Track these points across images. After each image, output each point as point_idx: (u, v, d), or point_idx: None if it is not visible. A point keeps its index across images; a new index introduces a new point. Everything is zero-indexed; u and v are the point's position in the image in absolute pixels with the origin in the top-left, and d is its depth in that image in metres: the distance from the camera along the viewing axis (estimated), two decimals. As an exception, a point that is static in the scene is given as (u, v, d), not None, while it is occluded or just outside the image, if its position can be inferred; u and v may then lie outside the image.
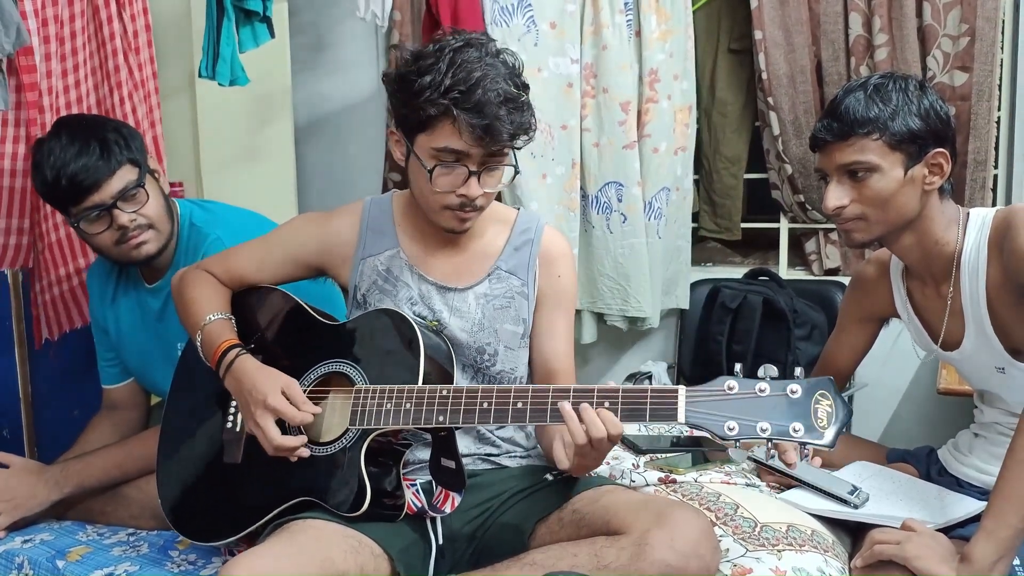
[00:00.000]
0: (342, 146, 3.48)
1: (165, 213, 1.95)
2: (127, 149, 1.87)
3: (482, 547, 1.62)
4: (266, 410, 1.54)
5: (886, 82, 1.65)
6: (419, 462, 1.66)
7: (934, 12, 2.70)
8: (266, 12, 2.44)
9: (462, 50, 1.52)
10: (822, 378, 1.32)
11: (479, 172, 1.56)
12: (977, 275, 1.66)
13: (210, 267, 1.78)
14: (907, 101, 1.62)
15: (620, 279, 3.02)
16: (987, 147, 2.71)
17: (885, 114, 1.61)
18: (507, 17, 2.84)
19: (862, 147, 1.62)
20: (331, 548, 1.45)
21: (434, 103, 1.50)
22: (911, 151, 1.62)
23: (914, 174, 1.63)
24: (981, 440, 1.83)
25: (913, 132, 1.61)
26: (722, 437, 1.32)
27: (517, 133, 1.55)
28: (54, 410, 2.64)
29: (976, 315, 1.68)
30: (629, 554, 1.39)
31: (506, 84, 1.52)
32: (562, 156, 2.93)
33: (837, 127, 1.63)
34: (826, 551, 1.58)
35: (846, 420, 1.29)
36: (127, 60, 2.30)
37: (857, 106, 1.62)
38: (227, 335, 1.66)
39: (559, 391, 1.43)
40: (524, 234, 1.73)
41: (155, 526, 1.90)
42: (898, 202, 1.64)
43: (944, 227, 1.69)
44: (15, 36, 1.94)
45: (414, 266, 1.70)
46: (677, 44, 2.94)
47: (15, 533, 1.89)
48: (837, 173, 1.66)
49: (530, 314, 1.71)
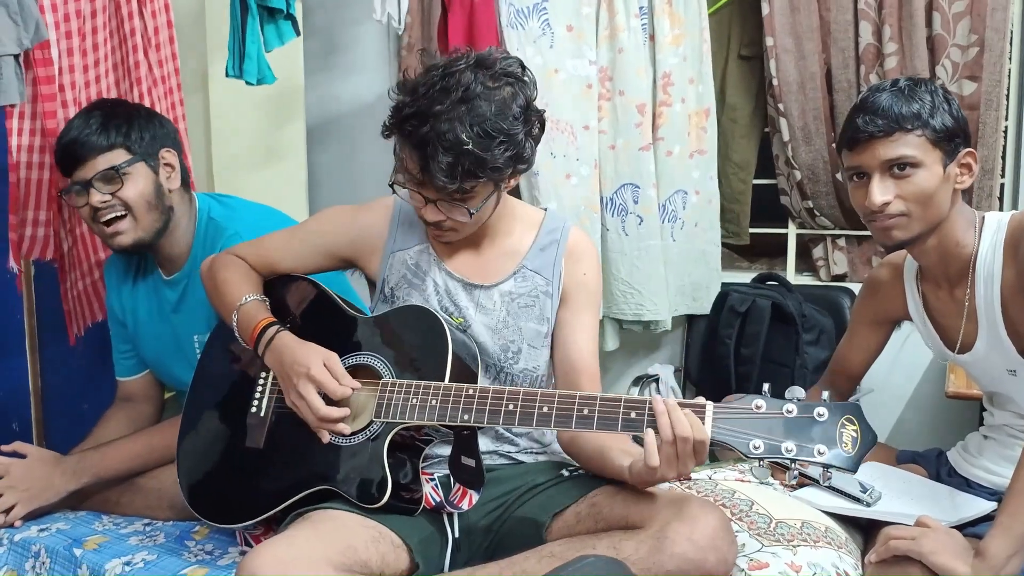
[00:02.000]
0: (353, 147, 3.50)
1: (150, 205, 1.93)
2: (127, 136, 1.90)
3: (498, 540, 1.63)
4: (309, 380, 1.55)
5: (915, 84, 1.67)
6: (438, 456, 1.67)
7: (944, 22, 2.73)
8: (290, 9, 2.45)
9: (448, 78, 1.50)
10: (849, 403, 1.34)
11: (435, 200, 1.56)
12: (992, 278, 1.68)
13: (241, 253, 1.79)
14: (941, 101, 1.64)
15: (635, 283, 3.02)
16: (994, 156, 2.74)
17: (926, 111, 1.63)
18: (522, 20, 2.86)
19: (907, 142, 1.62)
20: (353, 537, 1.46)
21: (395, 128, 1.54)
22: (948, 149, 1.64)
23: (949, 172, 1.65)
24: (991, 442, 1.84)
25: (949, 130, 1.63)
26: (747, 455, 1.33)
27: (461, 183, 1.49)
28: (64, 405, 2.65)
29: (990, 318, 1.69)
30: (648, 547, 1.41)
31: (466, 128, 1.47)
32: (586, 157, 2.94)
33: (882, 123, 1.63)
34: (840, 547, 1.60)
35: (871, 446, 1.30)
36: (147, 56, 2.31)
37: (898, 103, 1.63)
38: (264, 314, 1.68)
39: (586, 398, 1.44)
40: (551, 234, 1.74)
41: (171, 516, 1.91)
42: (937, 199, 1.65)
43: (963, 230, 1.71)
44: (34, 31, 1.96)
45: (441, 261, 1.71)
46: (692, 48, 2.96)
47: (31, 522, 1.90)
48: (880, 169, 1.65)
49: (553, 313, 1.72)
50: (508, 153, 1.52)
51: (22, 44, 1.96)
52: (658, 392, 3.07)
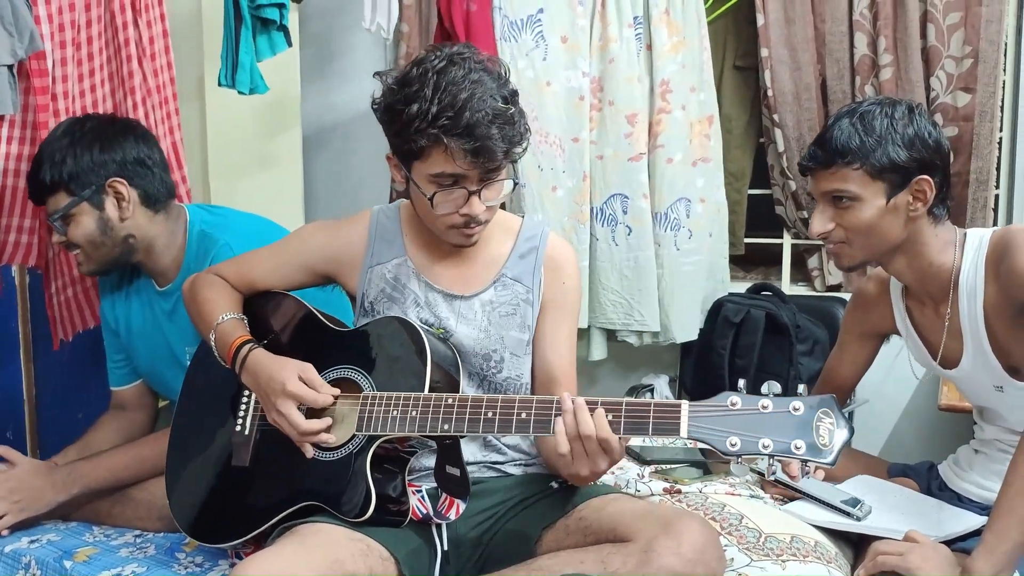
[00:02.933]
0: (350, 155, 3.50)
1: (96, 243, 1.94)
2: (66, 177, 1.90)
3: (488, 554, 1.63)
4: (286, 396, 1.55)
5: (874, 109, 1.66)
6: (424, 469, 1.67)
7: (938, 34, 2.74)
8: (283, 21, 2.45)
9: (445, 71, 1.51)
10: (825, 396, 1.33)
11: (478, 190, 1.57)
12: (975, 295, 1.68)
13: (222, 271, 1.80)
14: (892, 130, 1.63)
15: (625, 292, 3.02)
16: (989, 167, 2.75)
17: (868, 144, 1.63)
18: (516, 32, 2.87)
19: (844, 176, 1.65)
20: (340, 551, 1.46)
21: (424, 133, 1.50)
22: (894, 180, 1.64)
23: (897, 202, 1.65)
24: (981, 456, 1.84)
25: (895, 162, 1.63)
26: (724, 452, 1.33)
27: (511, 148, 1.56)
28: (58, 413, 2.65)
29: (974, 334, 1.69)
30: (636, 561, 1.41)
31: (493, 100, 1.52)
32: (573, 169, 2.95)
33: (821, 155, 1.67)
34: (829, 562, 1.60)
35: (848, 438, 1.30)
36: (141, 66, 2.31)
37: (841, 135, 1.64)
38: (240, 332, 1.68)
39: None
40: (529, 241, 1.75)
41: (161, 528, 1.91)
42: (880, 229, 1.67)
43: (939, 250, 1.71)
44: (28, 42, 1.96)
45: (420, 274, 1.71)
46: (691, 56, 2.95)
47: (21, 533, 1.89)
48: (822, 199, 1.70)
49: (535, 321, 1.72)
50: (523, 117, 1.58)
51: (16, 55, 1.96)
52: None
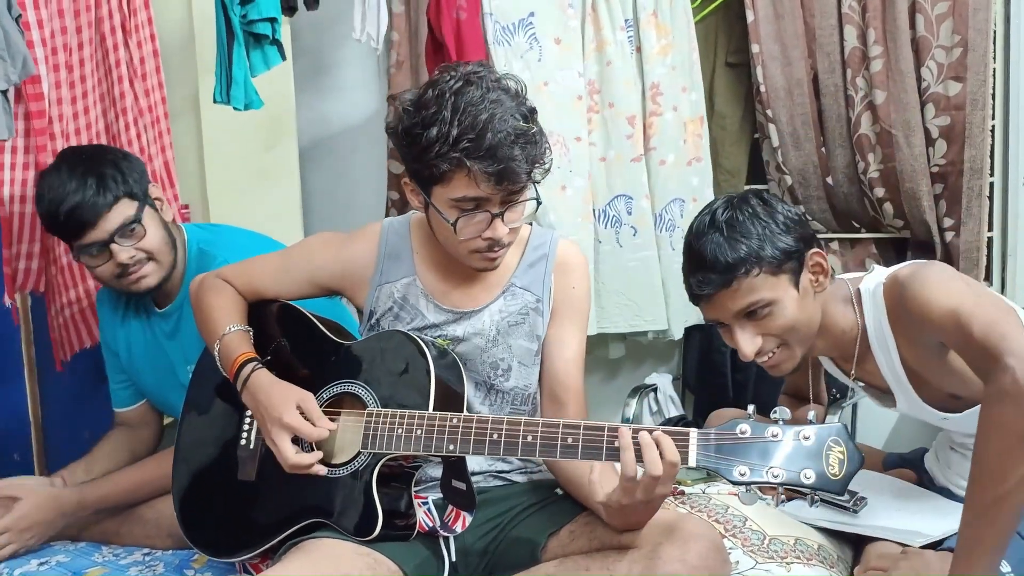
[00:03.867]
0: (346, 166, 3.51)
1: (166, 243, 1.96)
2: (123, 183, 1.88)
3: (495, 562, 1.64)
4: (282, 428, 1.55)
5: (733, 214, 1.59)
6: (431, 479, 1.67)
7: (927, 24, 2.73)
8: (275, 35, 2.45)
9: (462, 91, 1.48)
10: (835, 425, 1.33)
11: (501, 212, 1.53)
12: (888, 352, 1.64)
13: (229, 276, 1.78)
14: (763, 223, 1.58)
15: (630, 294, 2.99)
16: (982, 155, 2.74)
17: (754, 245, 1.56)
18: (508, 36, 2.87)
19: (750, 287, 1.56)
20: (348, 567, 1.47)
21: (445, 157, 1.46)
22: (792, 267, 1.59)
23: (803, 285, 1.61)
24: (957, 456, 1.82)
25: (786, 251, 1.58)
26: (733, 482, 1.33)
27: (534, 168, 1.53)
28: (64, 433, 2.65)
29: (900, 386, 1.67)
30: (640, 567, 1.42)
31: (514, 119, 1.49)
32: (580, 168, 2.94)
33: (716, 277, 1.56)
34: (832, 567, 1.61)
35: (858, 468, 1.30)
36: (133, 86, 2.32)
37: (724, 251, 1.56)
38: (244, 347, 1.66)
39: (569, 426, 1.43)
40: (538, 250, 1.73)
41: (170, 545, 1.92)
42: (804, 318, 1.61)
43: (842, 314, 1.67)
44: (21, 67, 1.97)
45: (430, 295, 1.69)
46: (680, 57, 2.95)
47: (31, 555, 1.91)
48: (736, 319, 1.60)
49: (544, 330, 1.70)
50: (543, 136, 1.55)
51: (9, 80, 1.96)
52: (656, 402, 3.08)
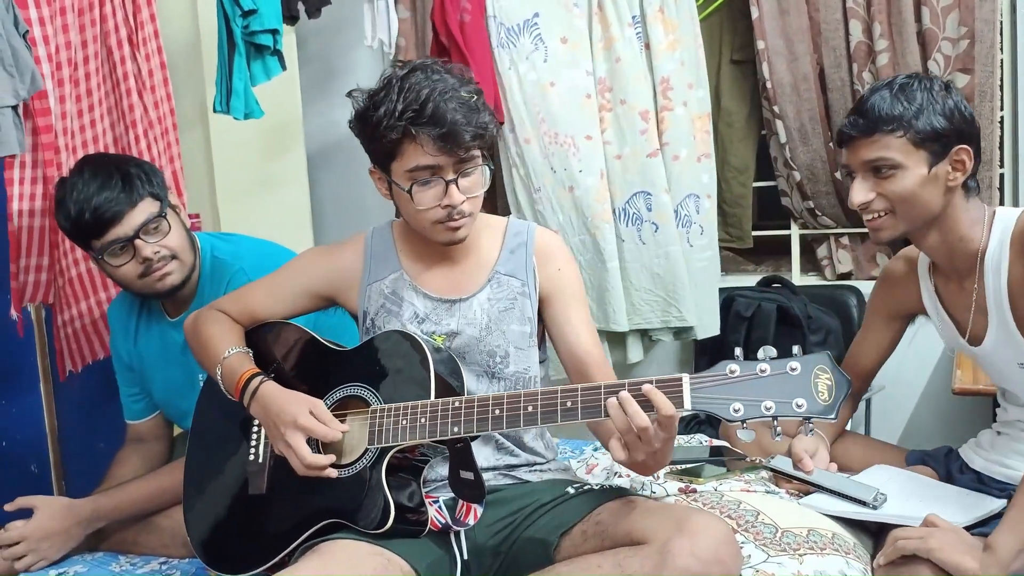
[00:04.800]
0: (354, 172, 3.50)
1: (187, 244, 1.99)
2: (148, 183, 1.92)
3: (508, 561, 1.64)
4: (296, 429, 1.57)
5: (912, 82, 1.67)
6: (440, 479, 1.68)
7: (933, 16, 2.73)
8: (276, 46, 2.47)
9: (408, 76, 1.60)
10: (819, 354, 1.37)
11: (455, 179, 1.61)
12: (1000, 272, 1.68)
13: (223, 306, 1.83)
14: (932, 100, 1.64)
15: (659, 290, 2.97)
16: (992, 147, 2.73)
17: (910, 112, 1.63)
18: (513, 38, 2.88)
19: (886, 144, 1.64)
20: (361, 567, 1.47)
21: (393, 128, 1.57)
22: (935, 149, 1.64)
23: (938, 171, 1.65)
24: (1004, 438, 1.84)
25: (937, 131, 1.63)
26: (728, 419, 1.36)
27: (479, 134, 1.60)
28: (80, 443, 2.68)
29: (999, 311, 1.70)
30: (652, 563, 1.41)
31: (455, 92, 1.59)
32: (590, 167, 2.93)
33: (863, 123, 1.66)
34: (847, 553, 1.59)
35: (847, 391, 1.34)
36: (142, 98, 2.35)
37: (882, 104, 1.64)
38: (247, 365, 1.70)
39: (567, 391, 1.47)
40: (517, 237, 1.78)
41: (186, 554, 1.93)
42: (922, 199, 1.66)
43: (969, 225, 1.71)
44: (30, 82, 1.99)
45: (416, 284, 1.75)
46: (687, 53, 2.95)
47: (50, 566, 1.92)
48: (862, 169, 1.69)
49: (535, 312, 1.74)
50: (488, 109, 1.64)
51: (19, 95, 1.99)
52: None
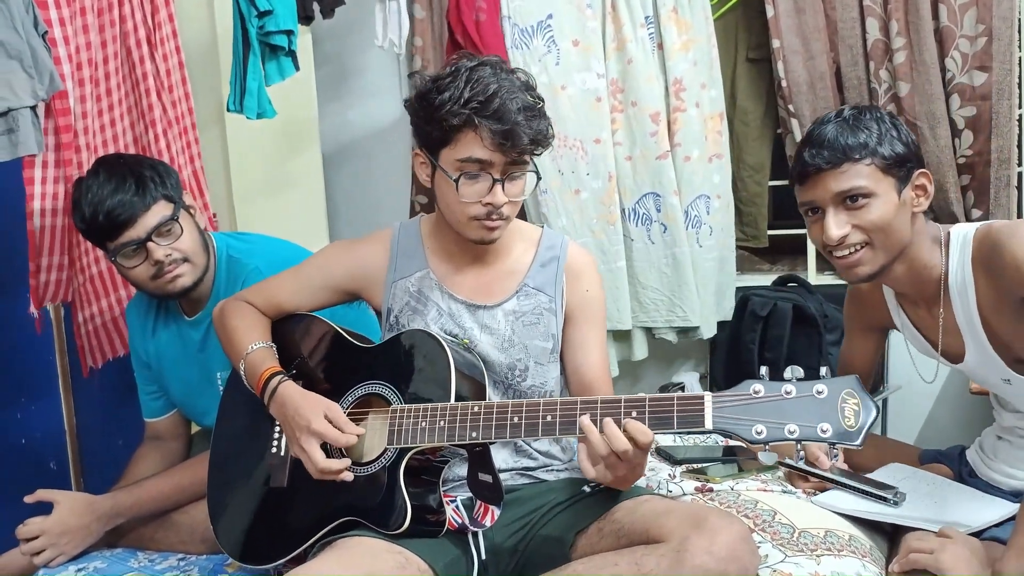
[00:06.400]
0: (369, 172, 3.54)
1: (200, 247, 2.00)
2: (162, 186, 1.93)
3: (524, 560, 1.65)
4: (311, 435, 1.58)
5: (861, 112, 1.65)
6: (458, 479, 1.69)
7: (950, 14, 2.71)
8: (291, 46, 2.48)
9: (477, 68, 1.60)
10: (848, 377, 1.34)
11: (503, 180, 1.61)
12: (966, 295, 1.66)
13: (249, 297, 1.84)
14: (888, 127, 1.63)
15: (665, 290, 3.00)
16: (1010, 145, 2.71)
17: (872, 139, 1.61)
18: (527, 39, 2.88)
19: (857, 172, 1.61)
20: (379, 564, 1.49)
21: (455, 114, 1.57)
22: (900, 175, 1.63)
23: (905, 198, 1.64)
24: (1004, 444, 1.82)
25: (899, 156, 1.62)
26: (750, 441, 1.34)
27: (537, 139, 1.61)
28: (99, 441, 2.70)
29: (973, 333, 1.68)
30: (669, 561, 1.42)
31: (522, 95, 1.59)
32: (597, 170, 2.94)
33: (828, 154, 1.61)
34: (864, 556, 1.59)
35: (875, 418, 1.30)
36: (160, 98, 2.36)
37: (843, 133, 1.62)
38: (269, 362, 1.71)
39: (587, 403, 1.46)
40: (550, 251, 1.77)
41: (204, 550, 1.94)
42: (896, 226, 1.63)
43: (929, 250, 1.69)
44: (48, 82, 2.01)
45: (443, 285, 1.74)
46: (701, 53, 2.95)
47: (69, 562, 1.93)
48: (833, 203, 1.63)
49: (559, 329, 1.74)
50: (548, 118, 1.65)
51: (37, 96, 2.00)
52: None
